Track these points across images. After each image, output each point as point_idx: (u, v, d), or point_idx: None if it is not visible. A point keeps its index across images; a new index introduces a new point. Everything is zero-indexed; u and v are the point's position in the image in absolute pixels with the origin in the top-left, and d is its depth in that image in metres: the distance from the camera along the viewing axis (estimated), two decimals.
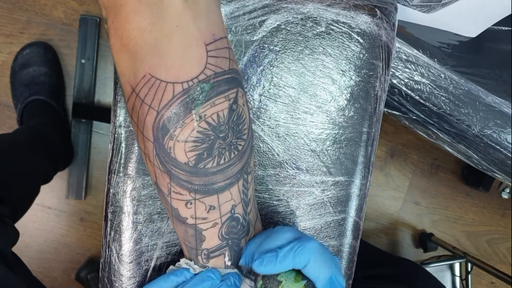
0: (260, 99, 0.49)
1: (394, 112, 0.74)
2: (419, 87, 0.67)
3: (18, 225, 1.23)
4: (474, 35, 0.69)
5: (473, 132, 0.68)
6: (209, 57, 0.34)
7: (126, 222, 0.48)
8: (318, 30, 0.48)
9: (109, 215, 0.48)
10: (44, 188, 1.19)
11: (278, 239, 0.39)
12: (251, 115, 0.49)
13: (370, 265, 0.76)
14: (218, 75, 0.34)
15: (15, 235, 0.71)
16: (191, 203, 0.37)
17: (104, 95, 1.24)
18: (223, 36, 0.35)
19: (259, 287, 0.39)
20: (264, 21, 0.47)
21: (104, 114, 1.22)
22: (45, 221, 1.27)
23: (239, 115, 0.36)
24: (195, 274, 0.40)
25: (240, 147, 0.37)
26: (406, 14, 0.64)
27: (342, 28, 0.49)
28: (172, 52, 0.33)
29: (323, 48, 0.49)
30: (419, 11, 0.61)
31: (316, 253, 0.37)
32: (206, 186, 0.36)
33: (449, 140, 0.75)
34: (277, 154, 0.50)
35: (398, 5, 0.53)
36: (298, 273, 0.38)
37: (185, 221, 0.38)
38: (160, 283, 0.40)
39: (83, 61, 1.19)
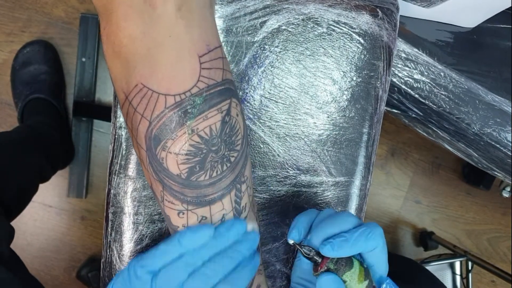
0: (261, 100, 0.49)
1: (394, 110, 0.74)
2: (419, 86, 0.67)
3: (20, 223, 1.24)
4: (472, 25, 0.69)
5: (473, 130, 0.68)
6: (203, 69, 0.33)
7: (127, 223, 0.48)
8: (319, 31, 0.48)
9: (110, 216, 0.48)
10: (45, 187, 1.20)
11: (343, 224, 0.40)
12: (251, 116, 0.49)
13: None
14: (211, 88, 0.34)
15: (11, 232, 0.71)
16: (183, 213, 0.37)
17: (105, 93, 1.24)
18: (217, 45, 0.35)
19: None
20: (265, 22, 0.47)
21: (105, 112, 1.22)
22: (46, 219, 1.27)
23: (232, 126, 0.36)
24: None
25: (232, 159, 0.37)
26: (405, 8, 0.64)
27: (343, 28, 0.49)
28: (163, 62, 0.32)
29: (324, 49, 0.49)
30: (419, 5, 0.61)
31: (383, 239, 0.40)
32: (199, 198, 0.36)
33: (449, 139, 0.75)
34: (278, 154, 0.50)
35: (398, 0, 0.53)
36: (361, 273, 0.39)
37: (176, 229, 0.38)
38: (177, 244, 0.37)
39: (83, 59, 1.19)
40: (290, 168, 0.50)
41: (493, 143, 0.69)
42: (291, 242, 0.42)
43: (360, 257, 0.41)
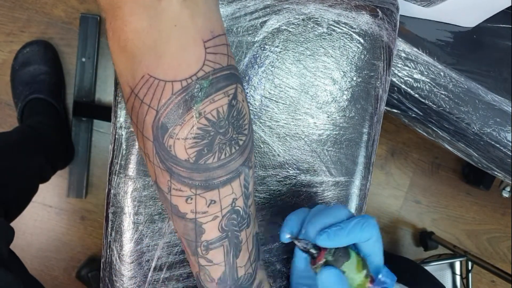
0: (261, 100, 0.49)
1: (393, 110, 0.74)
2: (419, 85, 0.67)
3: (20, 223, 1.24)
4: (472, 25, 0.69)
5: (473, 130, 0.68)
6: (208, 54, 0.33)
7: (127, 223, 0.48)
8: (319, 31, 0.48)
9: (110, 216, 0.48)
10: (45, 187, 1.20)
11: (337, 215, 0.41)
12: (251, 116, 0.49)
13: None
14: (216, 72, 0.34)
15: (10, 233, 0.71)
16: (191, 199, 0.37)
17: (105, 93, 1.24)
18: (221, 33, 0.35)
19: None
20: (265, 22, 0.47)
21: (105, 112, 1.22)
22: (46, 219, 1.27)
23: (239, 110, 0.36)
24: None
25: (241, 142, 0.37)
26: (405, 8, 0.64)
27: (343, 28, 0.49)
28: (170, 51, 0.32)
29: (324, 49, 0.49)
30: (418, 5, 0.61)
31: (378, 230, 0.41)
32: (207, 181, 0.36)
33: (449, 139, 0.75)
34: (278, 154, 0.50)
35: None
36: (359, 263, 0.40)
37: (185, 216, 0.38)
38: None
39: (83, 59, 1.19)
40: (290, 168, 0.50)
41: (493, 143, 0.69)
42: (287, 236, 0.42)
43: (355, 248, 0.42)
